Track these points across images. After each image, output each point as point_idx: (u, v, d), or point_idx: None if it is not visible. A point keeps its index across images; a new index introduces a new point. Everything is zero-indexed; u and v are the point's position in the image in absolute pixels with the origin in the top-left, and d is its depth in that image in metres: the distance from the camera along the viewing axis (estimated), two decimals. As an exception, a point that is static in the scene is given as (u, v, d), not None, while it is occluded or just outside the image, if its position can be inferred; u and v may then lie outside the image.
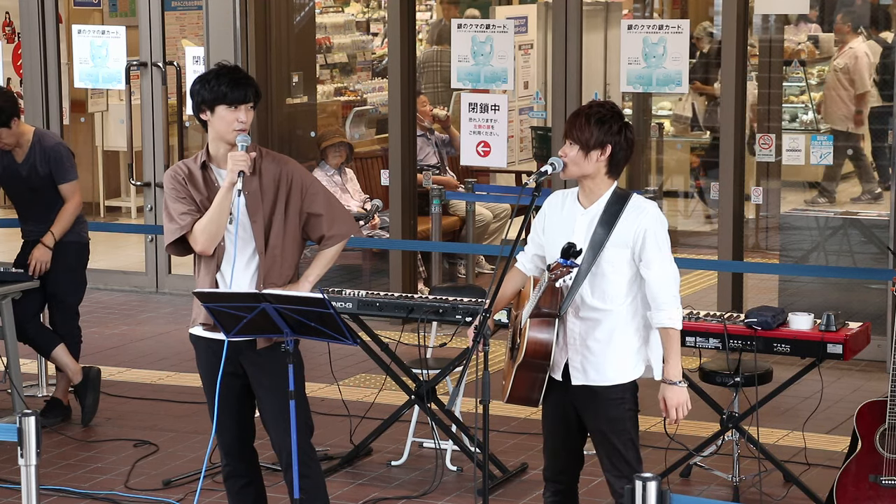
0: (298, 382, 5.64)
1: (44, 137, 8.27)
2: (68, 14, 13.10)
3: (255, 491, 6.01)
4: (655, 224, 5.44)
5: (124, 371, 9.48)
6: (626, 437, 5.51)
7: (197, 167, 5.84)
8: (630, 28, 9.83)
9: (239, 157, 5.68)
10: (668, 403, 5.46)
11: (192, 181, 5.81)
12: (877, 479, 6.46)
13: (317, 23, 13.08)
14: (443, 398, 7.76)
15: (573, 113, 5.54)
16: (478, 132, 10.24)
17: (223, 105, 5.73)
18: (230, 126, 5.74)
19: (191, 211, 5.78)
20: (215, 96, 5.73)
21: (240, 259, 5.78)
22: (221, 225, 5.75)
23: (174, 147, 12.16)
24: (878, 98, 12.92)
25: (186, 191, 5.80)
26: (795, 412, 8.30)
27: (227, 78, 5.75)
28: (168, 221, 5.83)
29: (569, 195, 5.59)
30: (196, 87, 5.79)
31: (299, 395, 5.67)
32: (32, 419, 4.89)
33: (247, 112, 5.75)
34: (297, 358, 5.63)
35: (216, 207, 5.72)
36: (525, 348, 5.37)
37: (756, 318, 6.88)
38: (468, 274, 11.17)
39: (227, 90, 5.72)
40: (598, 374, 5.47)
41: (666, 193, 13.48)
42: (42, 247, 8.21)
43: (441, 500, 7.18)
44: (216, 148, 5.82)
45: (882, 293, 9.59)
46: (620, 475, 5.50)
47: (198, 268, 5.93)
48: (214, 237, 5.76)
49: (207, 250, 5.79)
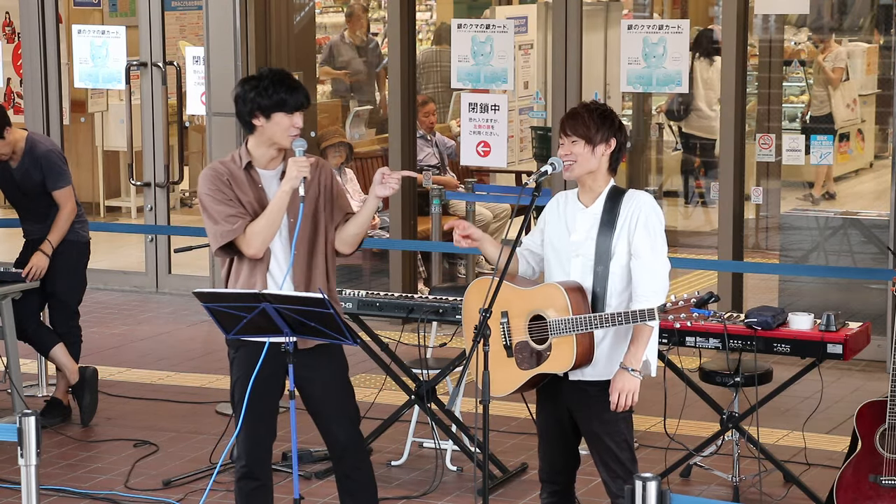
0: (345, 375, 5.90)
1: (35, 144, 8.23)
2: (68, 14, 13.10)
3: (265, 494, 6.00)
4: (648, 210, 5.44)
5: (124, 371, 9.48)
6: (619, 438, 5.51)
7: (238, 168, 5.81)
8: (630, 28, 9.83)
9: (302, 163, 5.69)
10: (614, 387, 5.40)
11: (236, 183, 5.79)
12: (877, 479, 6.46)
13: (317, 23, 13.08)
14: (443, 398, 7.76)
15: (568, 114, 5.52)
16: (478, 132, 10.24)
17: (281, 112, 5.73)
18: (287, 132, 5.74)
19: (240, 214, 5.74)
20: (273, 103, 5.72)
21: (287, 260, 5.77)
22: (276, 228, 5.74)
23: (174, 147, 12.16)
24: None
25: (232, 192, 5.77)
26: (795, 412, 8.30)
27: (285, 85, 5.74)
28: (213, 224, 5.77)
29: (569, 196, 5.60)
30: (250, 94, 5.75)
31: (348, 386, 5.91)
32: (32, 419, 4.89)
33: (301, 117, 5.79)
34: (340, 354, 5.86)
35: (274, 211, 5.71)
36: (575, 359, 5.36)
37: (756, 318, 6.88)
38: (468, 274, 11.17)
39: (287, 97, 5.73)
40: (593, 369, 5.47)
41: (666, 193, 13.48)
42: (40, 254, 8.21)
43: (441, 500, 7.18)
44: (262, 151, 5.81)
45: (882, 293, 9.59)
46: (615, 476, 5.51)
47: (236, 269, 5.86)
48: (269, 241, 5.75)
49: (260, 254, 5.76)
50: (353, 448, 5.93)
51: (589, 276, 5.45)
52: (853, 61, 13.63)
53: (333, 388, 5.89)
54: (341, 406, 5.90)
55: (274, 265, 5.80)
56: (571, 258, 5.50)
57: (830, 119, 12.91)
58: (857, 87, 13.08)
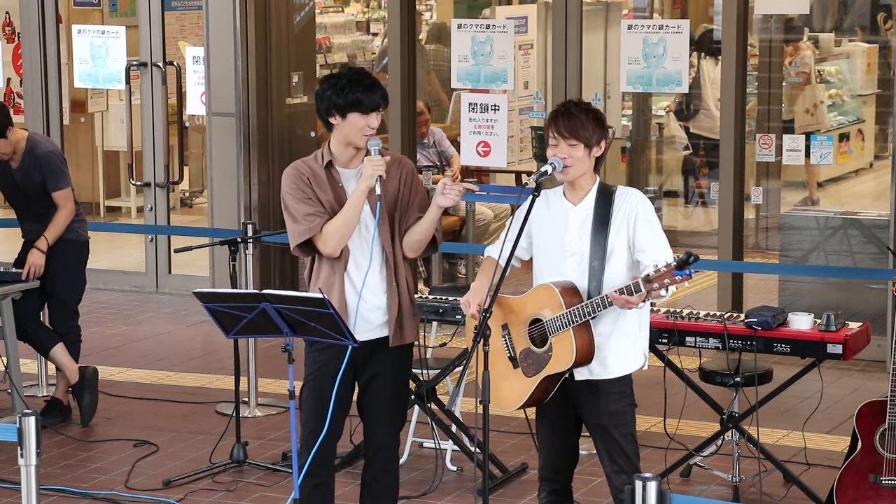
0: (403, 378, 5.93)
1: (36, 145, 8.24)
2: (68, 14, 13.10)
3: (326, 492, 5.96)
4: (644, 206, 5.48)
5: (124, 371, 9.48)
6: (626, 432, 5.54)
7: (320, 167, 5.82)
8: (630, 28, 9.83)
9: (377, 162, 5.68)
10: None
11: (316, 181, 5.80)
12: (877, 479, 6.46)
13: (317, 23, 13.07)
14: (443, 398, 7.76)
15: (563, 114, 5.49)
16: (478, 132, 10.24)
17: (356, 112, 5.72)
18: (361, 132, 5.73)
19: (318, 212, 5.75)
20: (349, 102, 5.71)
21: (367, 261, 5.76)
22: (353, 227, 5.73)
23: (174, 147, 12.16)
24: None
25: (312, 191, 5.78)
26: (795, 412, 8.30)
27: (361, 85, 5.72)
28: (292, 222, 5.79)
29: (551, 194, 5.61)
30: (327, 92, 5.74)
31: (402, 390, 5.95)
32: (32, 419, 4.89)
33: (377, 118, 5.76)
34: (406, 357, 5.89)
35: (351, 210, 5.71)
36: (576, 354, 5.35)
37: (756, 318, 6.88)
38: (468, 274, 11.17)
39: (362, 97, 5.71)
40: (601, 367, 5.48)
41: (666, 193, 13.47)
42: (36, 251, 8.21)
43: (441, 500, 7.18)
44: (341, 150, 5.81)
45: (882, 293, 9.59)
46: (620, 470, 5.51)
47: (317, 269, 5.86)
48: (345, 240, 5.75)
49: (336, 252, 5.76)
50: (386, 451, 5.94)
51: (585, 274, 5.45)
52: (853, 61, 13.62)
53: (385, 388, 5.87)
54: (389, 407, 5.89)
55: (352, 265, 5.78)
56: (566, 258, 5.50)
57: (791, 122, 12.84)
58: (821, 92, 12.99)
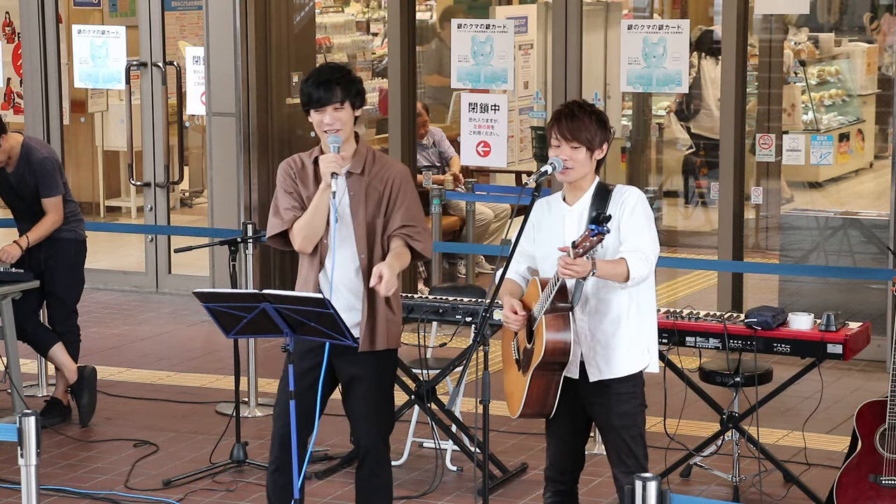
0: (387, 381, 5.91)
1: (32, 150, 8.23)
2: (68, 14, 13.09)
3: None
4: (634, 199, 5.45)
5: (124, 371, 9.48)
6: (636, 432, 5.53)
7: (310, 161, 5.84)
8: (630, 28, 9.83)
9: (329, 160, 5.67)
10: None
11: (301, 176, 5.82)
12: (877, 479, 6.45)
13: (317, 23, 13.05)
14: (443, 398, 7.76)
15: (567, 115, 5.47)
16: (478, 132, 10.24)
17: (312, 108, 5.72)
18: (320, 128, 5.73)
19: (294, 207, 5.79)
20: (304, 100, 5.74)
21: (343, 258, 5.74)
22: (317, 225, 5.73)
23: (174, 147, 12.16)
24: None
25: (294, 185, 5.81)
26: (795, 412, 8.30)
27: (314, 80, 5.70)
28: (273, 214, 5.85)
29: (552, 200, 5.61)
30: (301, 90, 5.79)
31: (387, 393, 5.90)
32: (32, 419, 4.89)
33: (333, 113, 5.69)
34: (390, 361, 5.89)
35: (311, 208, 5.73)
36: (544, 348, 5.33)
37: (756, 318, 6.88)
38: (468, 274, 11.17)
39: (313, 92, 5.69)
40: (608, 366, 5.47)
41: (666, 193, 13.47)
42: (15, 245, 8.21)
43: (441, 500, 7.18)
44: (325, 145, 5.82)
45: (882, 293, 9.59)
46: (628, 470, 5.50)
47: (300, 264, 5.90)
48: (311, 237, 5.75)
49: (305, 249, 5.78)
50: (374, 454, 5.92)
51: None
52: (853, 61, 13.62)
53: (365, 391, 5.85)
54: (373, 410, 5.87)
55: (328, 263, 5.78)
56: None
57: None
58: (797, 93, 12.96)
